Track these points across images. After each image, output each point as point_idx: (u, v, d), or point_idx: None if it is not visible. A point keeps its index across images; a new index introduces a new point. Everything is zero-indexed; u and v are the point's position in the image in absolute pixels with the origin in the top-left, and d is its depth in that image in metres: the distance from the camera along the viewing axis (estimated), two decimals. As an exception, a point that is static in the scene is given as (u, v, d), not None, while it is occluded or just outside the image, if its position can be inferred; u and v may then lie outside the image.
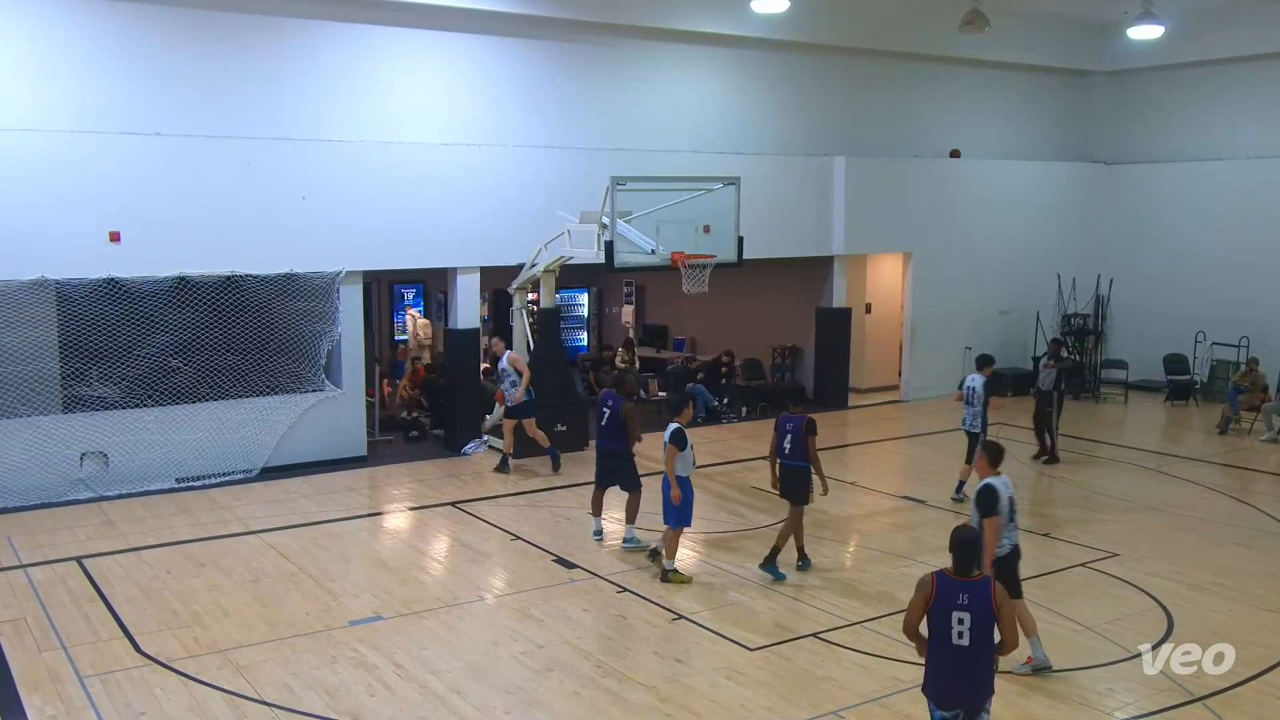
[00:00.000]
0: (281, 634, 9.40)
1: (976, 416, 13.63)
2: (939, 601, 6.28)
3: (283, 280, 14.77)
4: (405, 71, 16.05)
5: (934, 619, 6.30)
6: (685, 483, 10.71)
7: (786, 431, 11.00)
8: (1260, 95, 21.21)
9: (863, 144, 20.55)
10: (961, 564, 6.34)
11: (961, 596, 6.24)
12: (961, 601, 6.24)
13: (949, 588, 6.29)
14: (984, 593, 6.26)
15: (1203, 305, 21.26)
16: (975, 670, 6.31)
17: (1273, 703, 8.09)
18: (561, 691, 8.34)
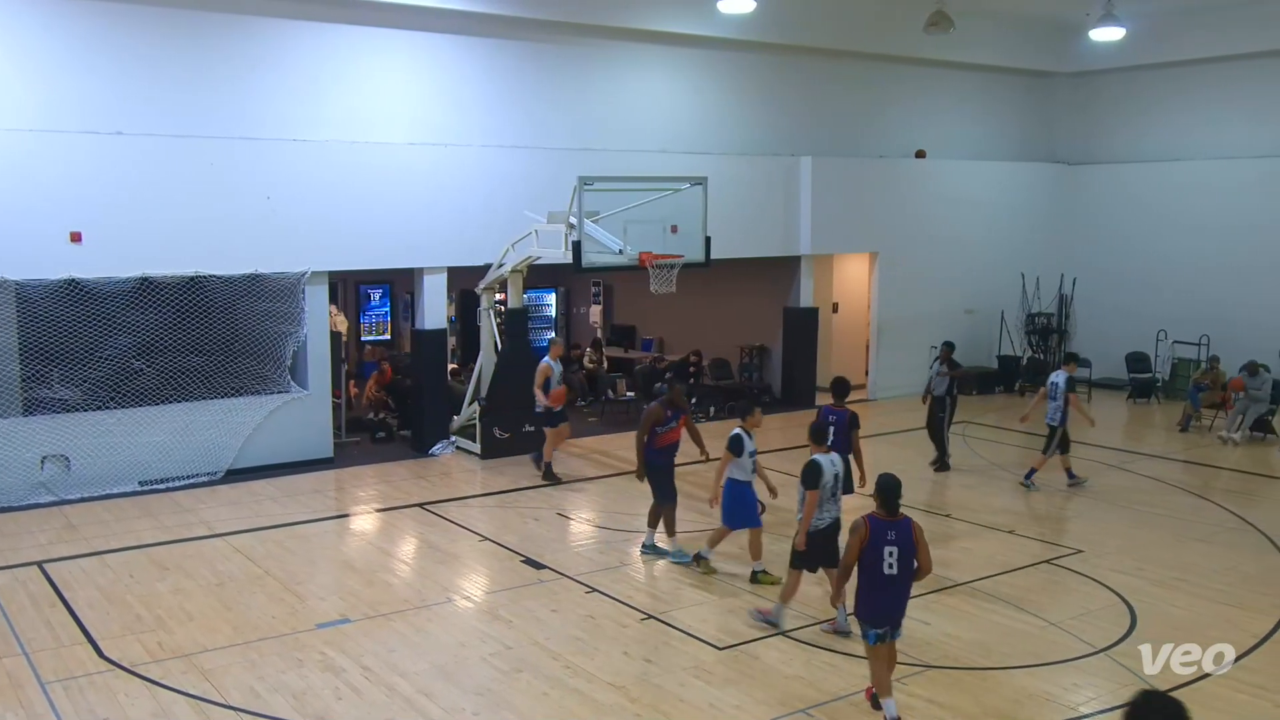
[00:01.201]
0: (247, 637, 9.32)
1: (1058, 410, 14.19)
2: (873, 539, 7.52)
3: (247, 281, 14.65)
4: (372, 71, 15.96)
5: (868, 554, 7.53)
6: (738, 486, 10.61)
7: (829, 424, 11.15)
8: (1219, 97, 21.52)
9: (829, 144, 20.65)
10: (888, 507, 7.59)
11: (890, 533, 7.54)
12: (890, 538, 7.53)
13: (880, 527, 7.56)
14: (906, 529, 7.58)
15: (1164, 304, 21.54)
16: (901, 593, 7.66)
17: (1235, 697, 8.20)
18: (530, 692, 8.32)
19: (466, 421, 16.66)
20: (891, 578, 7.53)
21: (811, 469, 9.21)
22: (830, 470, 9.30)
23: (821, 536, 9.36)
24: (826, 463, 9.30)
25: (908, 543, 7.54)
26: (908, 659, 8.78)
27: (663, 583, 10.80)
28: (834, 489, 9.37)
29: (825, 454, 9.42)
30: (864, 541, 7.53)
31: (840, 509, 9.52)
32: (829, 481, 9.28)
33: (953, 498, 14.01)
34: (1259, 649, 9.13)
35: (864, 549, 7.53)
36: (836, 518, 9.44)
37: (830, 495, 9.33)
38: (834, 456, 9.49)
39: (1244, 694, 8.24)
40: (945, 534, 12.35)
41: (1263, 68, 20.69)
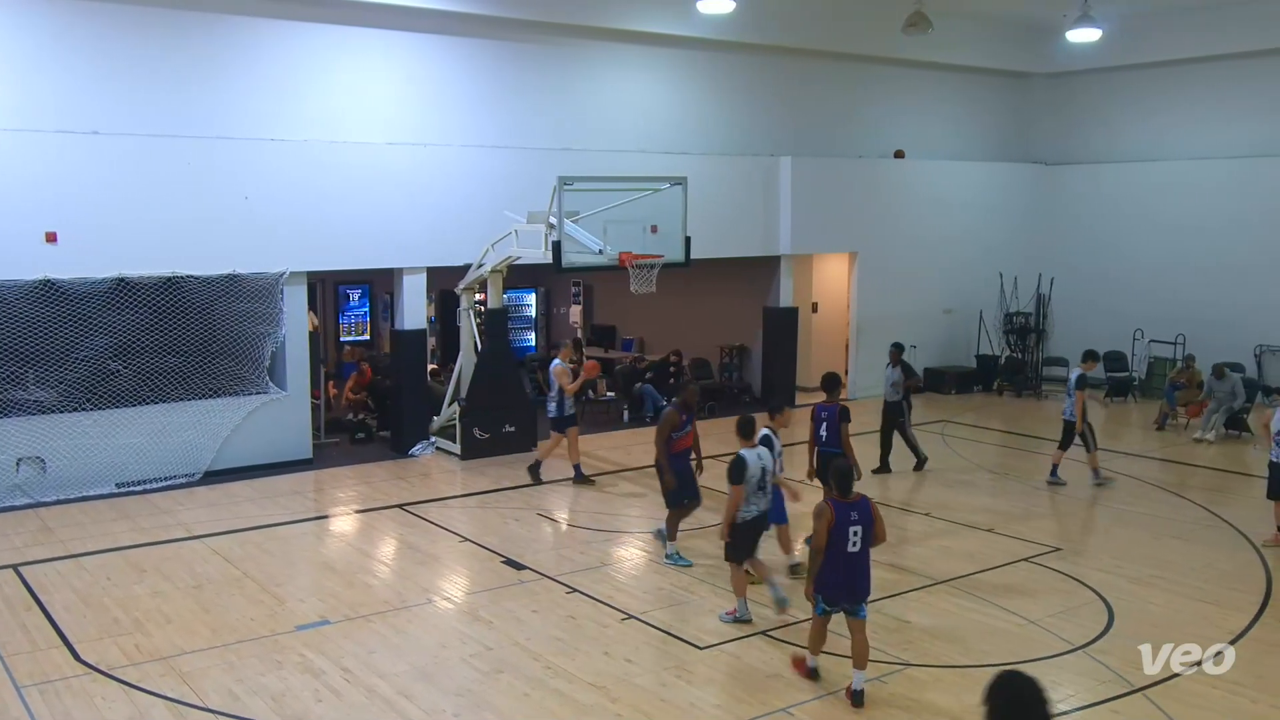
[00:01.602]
0: (225, 640, 9.27)
1: (1071, 406, 14.60)
2: (838, 521, 7.98)
3: (225, 281, 14.58)
4: (350, 70, 15.92)
5: (834, 535, 7.98)
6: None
7: (822, 420, 11.43)
8: (1195, 97, 21.71)
9: (808, 144, 20.70)
10: (844, 490, 8.08)
11: (852, 514, 8.02)
12: (854, 518, 8.02)
13: (842, 509, 8.02)
14: (866, 507, 8.12)
15: (1140, 303, 21.70)
16: (863, 568, 8.15)
17: (1210, 693, 8.26)
18: (511, 693, 8.30)
19: (446, 422, 16.62)
20: (854, 555, 8.06)
21: (737, 464, 9.44)
22: (756, 465, 9.51)
23: (749, 528, 9.60)
24: (753, 457, 9.52)
25: (868, 520, 8.09)
26: (888, 658, 8.83)
27: (643, 583, 10.81)
28: (761, 483, 9.57)
29: (753, 449, 9.64)
30: (831, 524, 7.96)
31: (769, 502, 9.77)
32: (755, 475, 9.49)
33: (932, 497, 14.06)
34: (1235, 645, 9.18)
35: (830, 530, 7.96)
36: (763, 510, 9.70)
37: (757, 489, 9.55)
38: (761, 451, 9.69)
39: (1219, 690, 8.31)
40: (925, 532, 12.41)
41: (1237, 69, 20.87)
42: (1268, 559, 11.48)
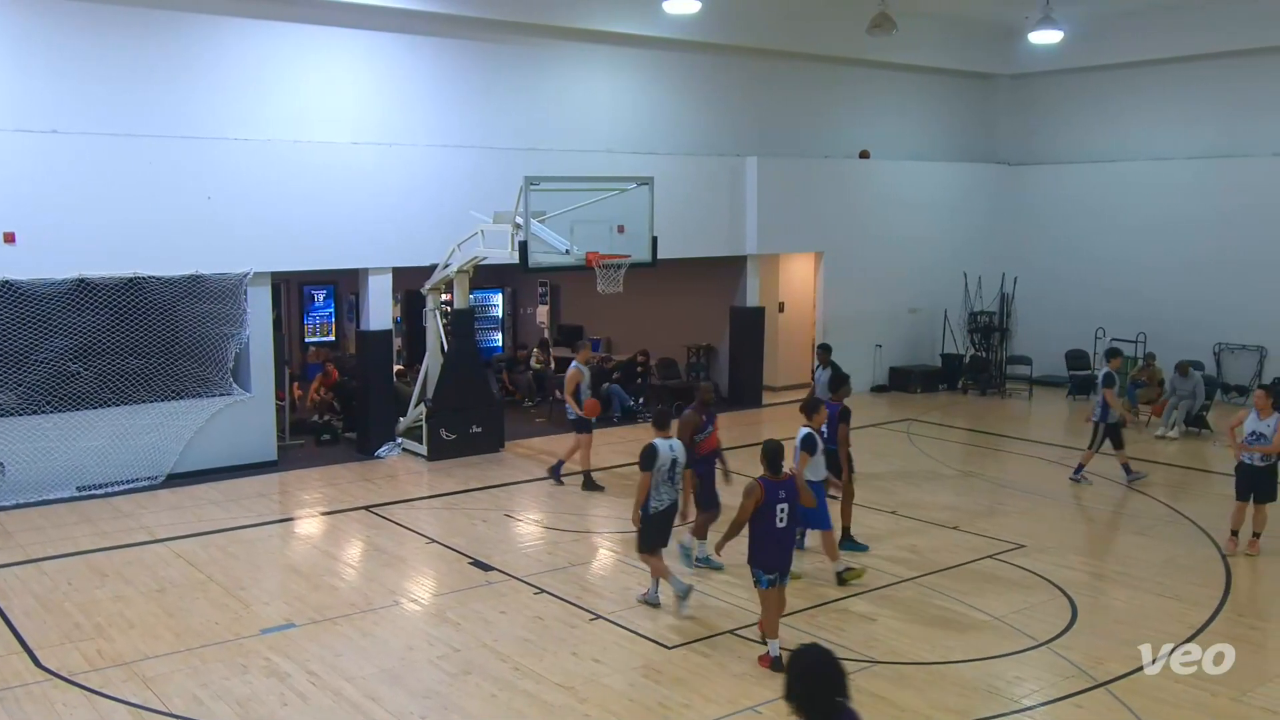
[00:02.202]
0: (190, 644, 9.18)
1: (1098, 405, 14.71)
2: (767, 498, 8.49)
3: (188, 282, 14.43)
4: (315, 69, 15.81)
5: (763, 512, 8.49)
6: (817, 487, 10.49)
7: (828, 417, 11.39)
8: (1155, 99, 21.99)
9: (774, 144, 20.78)
10: (774, 468, 8.58)
11: (780, 492, 8.55)
12: (782, 495, 8.55)
13: (771, 487, 8.54)
14: (792, 485, 8.71)
15: (1102, 302, 21.95)
16: (790, 541, 8.84)
17: (1172, 687, 8.36)
18: (479, 694, 8.28)
19: (413, 423, 16.55)
20: (782, 530, 8.61)
21: (647, 452, 9.65)
22: (667, 455, 9.68)
23: (661, 518, 9.80)
24: (664, 447, 9.70)
25: (794, 496, 8.70)
26: (855, 656, 8.87)
27: (611, 583, 10.80)
28: (670, 473, 9.72)
29: (666, 439, 9.81)
30: (759, 502, 8.47)
31: (677, 493, 9.91)
32: (664, 465, 9.66)
33: (899, 495, 14.14)
34: (1194, 640, 9.30)
35: (759, 508, 8.48)
36: (672, 501, 9.84)
37: (667, 478, 9.71)
38: (674, 442, 9.84)
39: (1181, 684, 8.40)
40: (891, 531, 12.49)
41: (1195, 71, 21.16)
42: (1227, 555, 11.63)
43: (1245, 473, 11.60)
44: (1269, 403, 11.37)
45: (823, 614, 9.92)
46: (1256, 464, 11.46)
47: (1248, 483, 11.56)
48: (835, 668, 4.49)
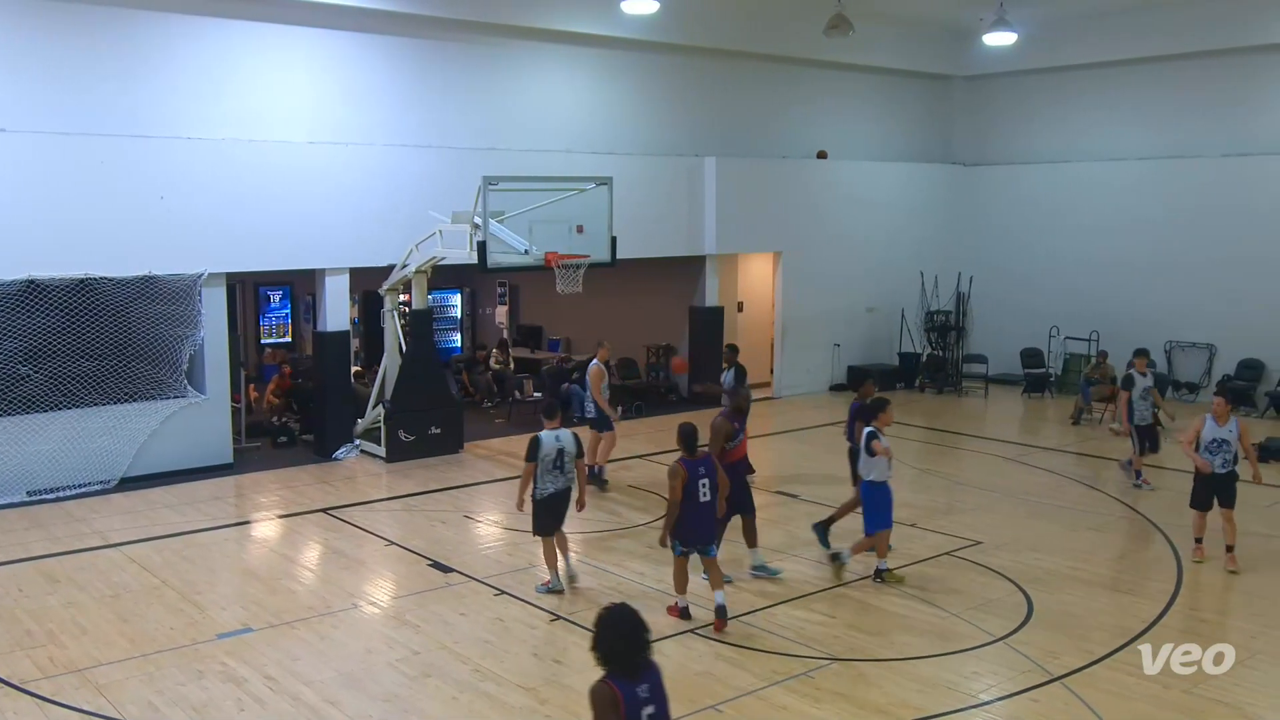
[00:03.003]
0: (144, 650, 9.06)
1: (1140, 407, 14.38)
2: (690, 476, 9.27)
3: (141, 283, 14.26)
4: (270, 68, 15.67)
5: (688, 489, 9.26)
6: (877, 487, 10.57)
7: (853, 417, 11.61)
8: (1107, 100, 22.31)
9: (733, 145, 20.85)
10: (690, 449, 9.41)
11: (700, 469, 9.35)
12: (701, 472, 9.35)
13: (692, 466, 9.34)
14: (710, 463, 9.53)
15: (1056, 301, 22.24)
16: (713, 514, 9.59)
17: (1125, 679, 8.48)
18: (439, 697, 8.24)
19: (371, 424, 16.44)
20: (705, 504, 9.40)
21: (531, 444, 10.11)
22: (553, 445, 10.08)
23: (548, 502, 10.20)
24: (550, 438, 10.10)
25: (714, 472, 9.47)
26: (814, 653, 8.92)
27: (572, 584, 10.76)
28: (556, 462, 10.10)
29: (552, 430, 10.17)
30: (685, 481, 9.22)
31: (568, 481, 10.24)
32: (549, 455, 10.06)
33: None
34: (1148, 633, 9.44)
35: (685, 486, 9.22)
36: (559, 489, 10.20)
37: (552, 467, 10.10)
38: (560, 433, 10.18)
39: (1134, 677, 8.51)
40: (851, 529, 12.51)
41: (1146, 73, 21.50)
42: (1179, 550, 11.80)
43: (1207, 481, 11.19)
44: (1228, 409, 11.15)
45: (781, 612, 9.96)
46: (1218, 470, 11.10)
47: (1209, 491, 11.20)
48: (639, 626, 4.96)
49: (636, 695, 4.91)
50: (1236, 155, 20.23)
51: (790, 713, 7.95)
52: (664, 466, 15.36)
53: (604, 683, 4.94)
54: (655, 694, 5.00)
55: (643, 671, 4.98)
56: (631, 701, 4.89)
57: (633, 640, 4.95)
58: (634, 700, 4.90)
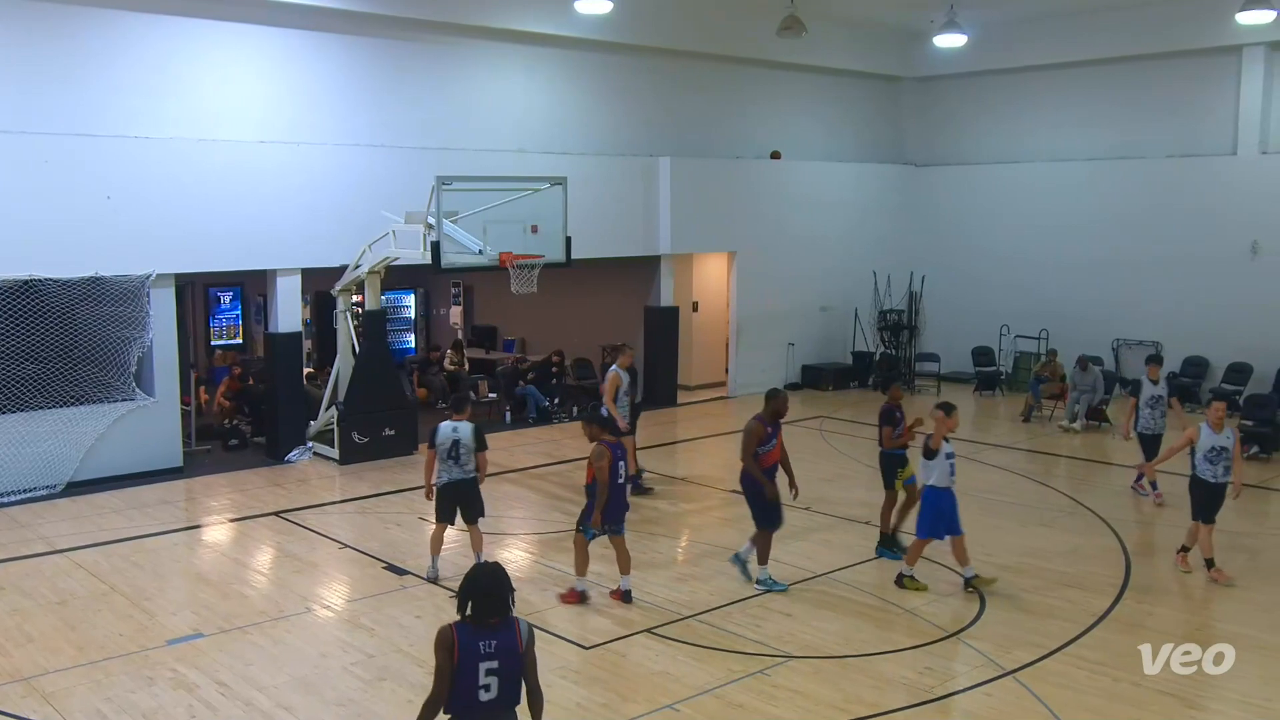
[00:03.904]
0: (92, 657, 8.92)
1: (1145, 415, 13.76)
2: (614, 458, 9.85)
3: (87, 284, 14.02)
4: (219, 66, 15.47)
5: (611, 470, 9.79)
6: (933, 493, 10.35)
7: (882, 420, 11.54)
8: (1055, 102, 22.63)
9: (687, 145, 20.90)
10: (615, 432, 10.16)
11: (619, 451, 10.01)
12: (620, 454, 9.99)
13: (614, 448, 9.94)
14: (623, 449, 10.09)
15: (1007, 300, 22.52)
16: (625, 495, 10.20)
17: (1075, 673, 8.61)
18: (394, 700, 8.19)
19: (324, 426, 16.29)
20: (622, 485, 10.02)
21: (431, 432, 10.58)
22: (448, 435, 10.37)
23: (441, 493, 10.54)
24: (447, 429, 10.41)
25: (626, 455, 10.13)
26: (770, 651, 8.97)
27: (526, 585, 10.74)
28: (451, 453, 10.37)
29: (453, 422, 10.45)
30: (611, 462, 9.75)
31: (464, 473, 10.41)
32: (444, 444, 10.37)
33: (813, 491, 14.22)
34: (1097, 626, 9.61)
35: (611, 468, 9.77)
36: (453, 479, 10.45)
37: (447, 457, 10.38)
38: (460, 425, 10.42)
39: (1084, 670, 8.65)
40: (806, 527, 12.64)
41: (1092, 74, 21.84)
42: (1126, 543, 12.01)
43: (1209, 490, 10.82)
44: (1223, 415, 10.83)
45: (737, 610, 10.00)
46: (1219, 479, 10.77)
47: (1213, 500, 10.83)
48: (496, 585, 5.34)
49: (477, 647, 5.23)
50: (1180, 156, 20.61)
51: (747, 711, 7.98)
52: (620, 466, 15.42)
53: (448, 626, 5.31)
54: (502, 654, 5.27)
55: (495, 629, 5.29)
56: (469, 650, 5.23)
57: (485, 596, 5.31)
58: (472, 650, 5.23)
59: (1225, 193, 19.95)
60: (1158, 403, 13.71)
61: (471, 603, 5.32)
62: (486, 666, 5.27)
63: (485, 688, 5.30)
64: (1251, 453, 15.99)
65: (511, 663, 5.32)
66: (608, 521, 9.93)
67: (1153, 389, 13.78)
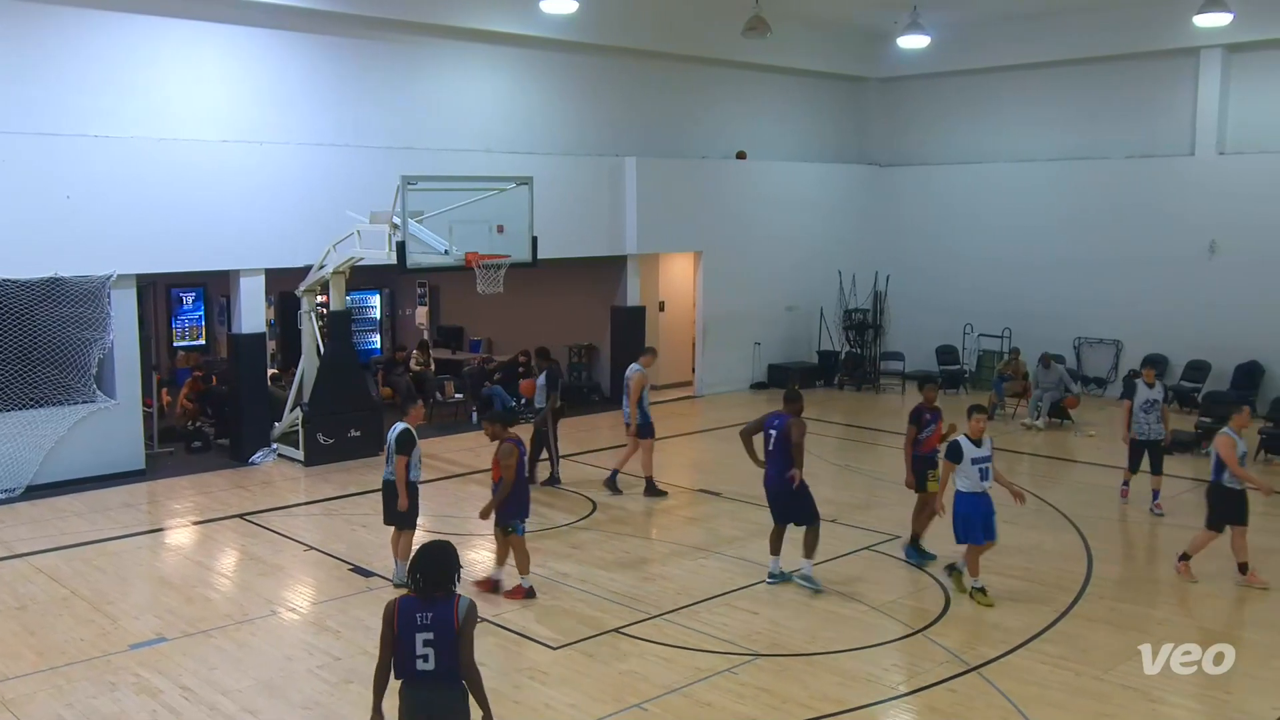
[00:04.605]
0: (54, 663, 8.83)
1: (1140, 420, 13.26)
2: (521, 453, 10.07)
3: (46, 285, 13.86)
4: (180, 65, 15.35)
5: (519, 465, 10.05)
6: (960, 497, 10.27)
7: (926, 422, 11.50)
8: (1018, 102, 22.87)
9: (653, 145, 20.94)
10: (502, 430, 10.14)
11: (523, 447, 10.16)
12: (524, 449, 10.17)
13: (520, 443, 10.09)
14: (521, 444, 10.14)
15: (970, 299, 22.72)
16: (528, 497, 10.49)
17: (1037, 668, 8.72)
18: (361, 703, 8.07)
19: (288, 428, 16.18)
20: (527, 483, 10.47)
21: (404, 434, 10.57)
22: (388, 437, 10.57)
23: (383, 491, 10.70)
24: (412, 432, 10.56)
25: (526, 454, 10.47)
26: (738, 649, 9.01)
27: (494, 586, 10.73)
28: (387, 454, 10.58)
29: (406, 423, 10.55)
30: (519, 458, 10.04)
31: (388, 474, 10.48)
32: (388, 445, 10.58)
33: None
34: (1061, 621, 9.72)
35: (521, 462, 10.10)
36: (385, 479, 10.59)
37: (385, 458, 10.64)
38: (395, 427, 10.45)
39: (1045, 664, 8.76)
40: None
41: (1053, 76, 22.09)
42: (1089, 540, 12.15)
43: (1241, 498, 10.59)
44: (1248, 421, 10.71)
45: (705, 609, 10.05)
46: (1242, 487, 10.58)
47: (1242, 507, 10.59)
48: (440, 562, 5.73)
49: (415, 619, 5.62)
50: (1140, 157, 20.88)
51: (715, 709, 8.02)
52: (588, 467, 15.49)
53: (394, 599, 5.76)
54: (438, 625, 5.61)
55: (434, 601, 5.65)
56: (407, 621, 5.63)
57: (430, 569, 5.69)
58: (410, 621, 5.63)
59: (1183, 193, 20.24)
60: (1152, 407, 13.13)
61: (419, 575, 5.68)
62: (423, 637, 5.60)
63: (423, 658, 5.64)
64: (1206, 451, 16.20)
65: (446, 635, 5.61)
66: (513, 519, 10.12)
67: (1148, 393, 13.18)
